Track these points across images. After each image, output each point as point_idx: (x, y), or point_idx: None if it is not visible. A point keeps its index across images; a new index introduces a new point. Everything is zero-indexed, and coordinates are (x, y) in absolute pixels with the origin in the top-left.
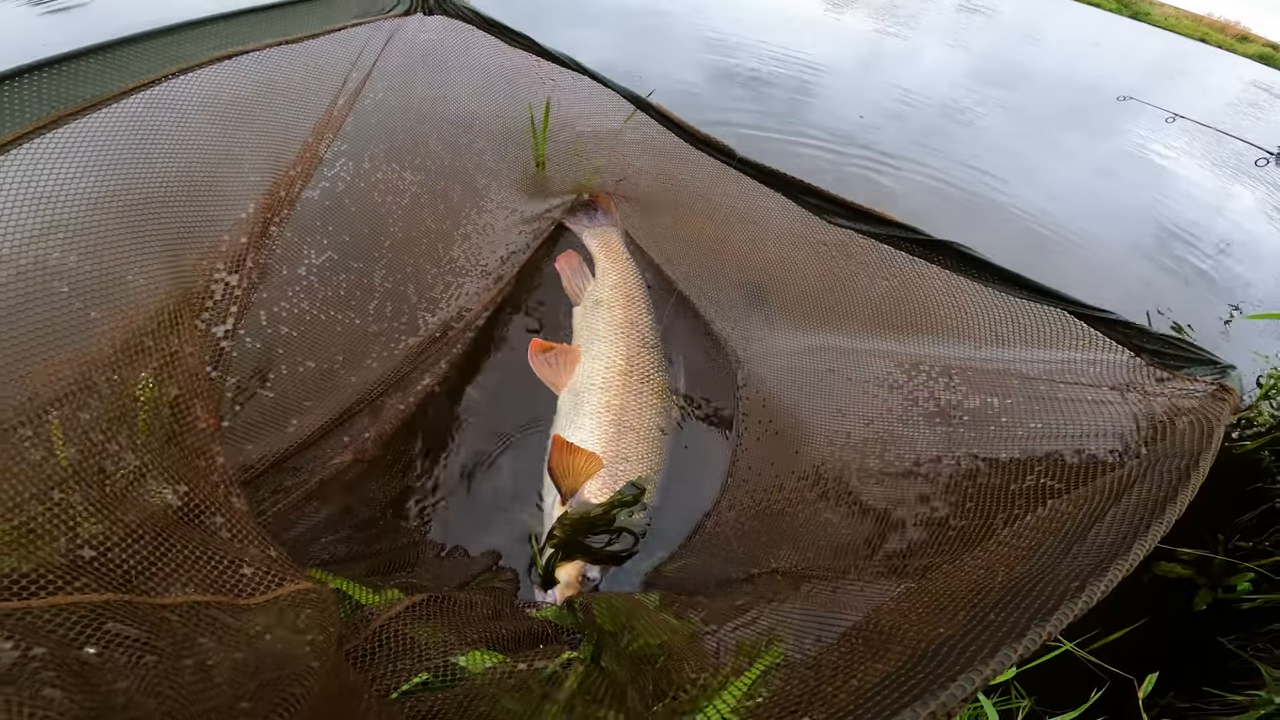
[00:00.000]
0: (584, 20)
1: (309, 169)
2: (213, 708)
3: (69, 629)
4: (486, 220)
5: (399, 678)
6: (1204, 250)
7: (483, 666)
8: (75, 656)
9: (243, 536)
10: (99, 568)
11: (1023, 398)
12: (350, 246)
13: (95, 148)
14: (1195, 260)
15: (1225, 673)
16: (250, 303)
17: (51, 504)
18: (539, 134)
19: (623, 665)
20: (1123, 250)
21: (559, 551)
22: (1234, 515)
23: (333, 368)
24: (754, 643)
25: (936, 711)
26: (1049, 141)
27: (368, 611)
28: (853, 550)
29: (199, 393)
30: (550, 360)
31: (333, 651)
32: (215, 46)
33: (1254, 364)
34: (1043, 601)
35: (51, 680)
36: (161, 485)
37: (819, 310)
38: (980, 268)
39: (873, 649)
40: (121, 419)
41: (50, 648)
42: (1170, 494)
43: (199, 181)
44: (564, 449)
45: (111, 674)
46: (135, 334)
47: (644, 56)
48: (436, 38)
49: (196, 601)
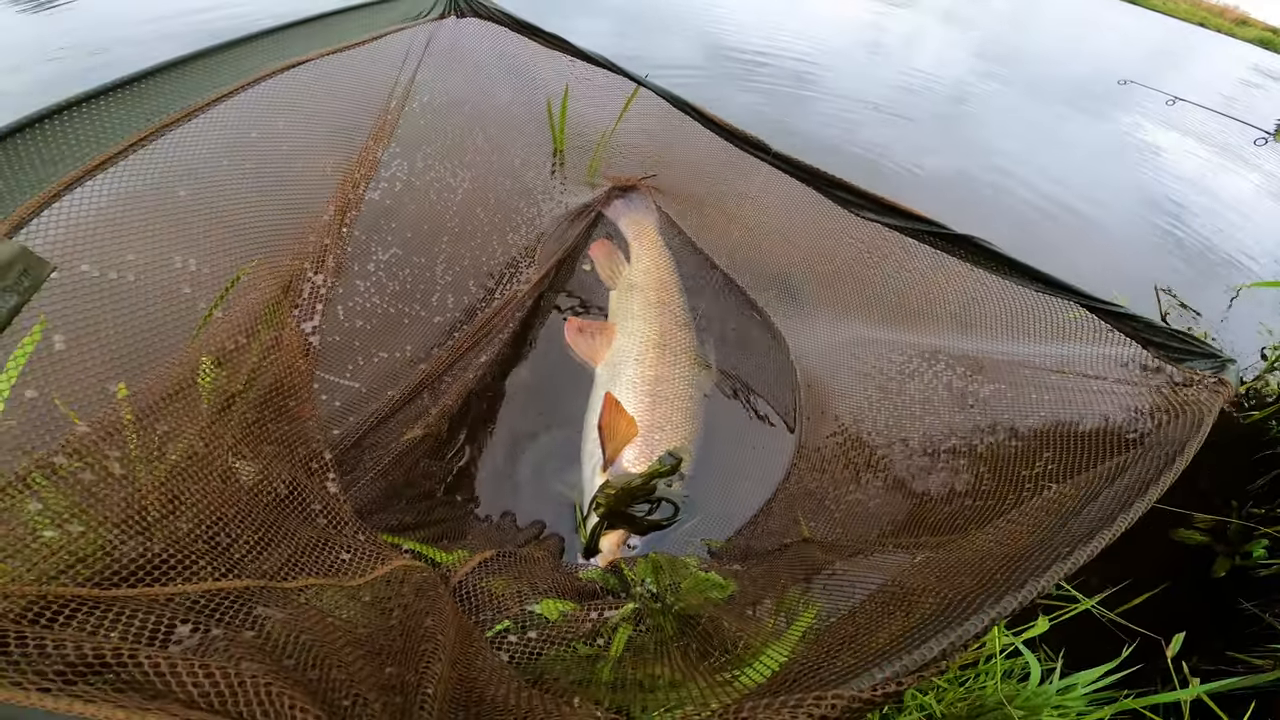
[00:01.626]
0: (597, 9)
1: (370, 171)
2: (363, 674)
3: (224, 613)
4: (530, 211)
5: (485, 627)
6: (1205, 226)
7: (557, 613)
8: (243, 638)
9: (339, 522)
10: (231, 556)
11: (1034, 388)
12: (412, 243)
13: (194, 160)
14: (1197, 236)
15: (1245, 638)
16: (330, 299)
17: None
18: (558, 124)
19: (669, 623)
20: (1126, 227)
21: (604, 521)
22: (1245, 483)
23: (403, 355)
24: (792, 601)
25: (955, 642)
26: (1051, 125)
27: (445, 569)
28: (877, 523)
29: (297, 385)
30: (587, 336)
31: (447, 607)
32: (273, 58)
33: (1260, 338)
34: (1038, 564)
35: (240, 655)
36: (274, 476)
37: (846, 300)
38: (998, 261)
39: (899, 603)
40: (232, 411)
41: (222, 630)
42: (1154, 477)
43: (283, 186)
44: (615, 408)
45: (275, 650)
46: (247, 331)
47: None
48: (471, 40)
49: (313, 584)
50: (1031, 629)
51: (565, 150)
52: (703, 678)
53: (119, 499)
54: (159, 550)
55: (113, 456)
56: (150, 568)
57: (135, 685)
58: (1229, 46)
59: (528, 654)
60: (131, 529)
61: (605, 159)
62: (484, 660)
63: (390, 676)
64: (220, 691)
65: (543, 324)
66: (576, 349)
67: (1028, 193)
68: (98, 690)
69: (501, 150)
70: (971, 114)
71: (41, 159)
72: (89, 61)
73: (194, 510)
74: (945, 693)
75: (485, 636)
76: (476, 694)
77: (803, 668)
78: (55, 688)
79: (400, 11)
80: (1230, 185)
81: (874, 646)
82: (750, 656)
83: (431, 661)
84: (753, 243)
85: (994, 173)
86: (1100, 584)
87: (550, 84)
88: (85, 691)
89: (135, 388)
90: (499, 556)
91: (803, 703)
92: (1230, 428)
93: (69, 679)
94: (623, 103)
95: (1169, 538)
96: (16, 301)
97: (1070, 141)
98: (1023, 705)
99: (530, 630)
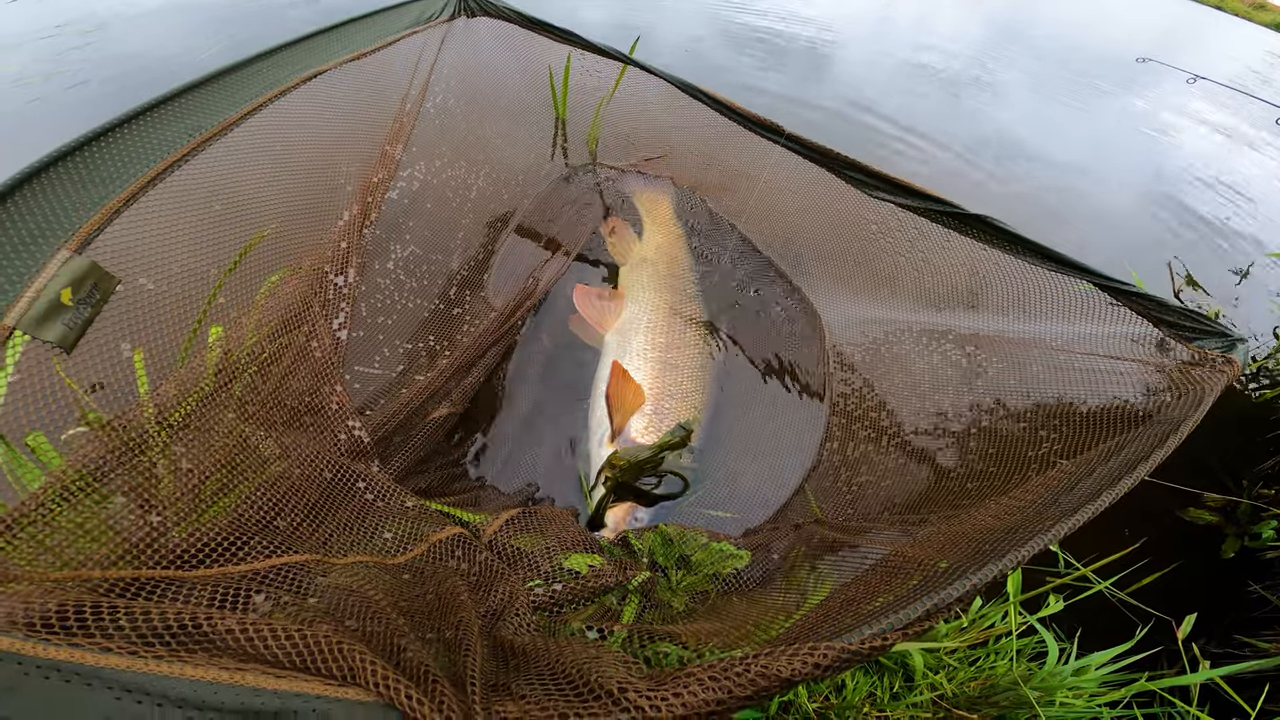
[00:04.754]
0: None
1: (389, 174)
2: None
3: (288, 586)
4: (547, 199)
5: (520, 580)
6: (1223, 205)
7: (585, 567)
8: (308, 604)
9: (386, 499)
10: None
11: (1043, 367)
12: (431, 241)
13: (225, 174)
14: (1214, 214)
15: (1252, 621)
16: (356, 297)
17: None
18: (560, 95)
19: (677, 598)
20: (1141, 204)
21: (609, 495)
22: (1255, 463)
23: (427, 345)
24: (802, 576)
25: (939, 604)
26: (1067, 101)
27: (474, 527)
28: (887, 503)
29: (330, 376)
30: (597, 302)
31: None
32: (296, 70)
33: (1273, 317)
34: (1021, 538)
35: (310, 619)
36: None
37: (857, 280)
38: (1013, 241)
39: (898, 572)
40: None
41: (287, 599)
42: (1146, 455)
43: (307, 194)
44: (622, 376)
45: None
46: (281, 331)
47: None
48: (483, 38)
49: (362, 562)
50: (1046, 609)
51: (564, 112)
52: (710, 653)
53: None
54: (233, 527)
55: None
56: (227, 545)
57: (227, 649)
58: (1246, 30)
59: (557, 605)
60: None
61: (625, 137)
62: (521, 610)
63: (441, 628)
64: (300, 652)
65: (563, 305)
66: (586, 315)
67: (1043, 169)
68: (197, 655)
69: (514, 142)
70: (986, 89)
71: (96, 178)
72: (85, 39)
73: (265, 492)
74: (956, 672)
75: (524, 588)
76: (510, 642)
77: (804, 628)
78: (163, 654)
79: (412, 15)
80: (1249, 164)
81: (869, 610)
82: (759, 631)
83: (467, 614)
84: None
85: (1008, 148)
86: (1112, 565)
87: (570, 78)
88: (188, 656)
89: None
90: (523, 515)
91: (799, 651)
92: (1240, 406)
93: (172, 645)
94: (638, 84)
95: (1180, 518)
96: (90, 314)
97: (1087, 118)
98: (1038, 686)
99: (556, 584)
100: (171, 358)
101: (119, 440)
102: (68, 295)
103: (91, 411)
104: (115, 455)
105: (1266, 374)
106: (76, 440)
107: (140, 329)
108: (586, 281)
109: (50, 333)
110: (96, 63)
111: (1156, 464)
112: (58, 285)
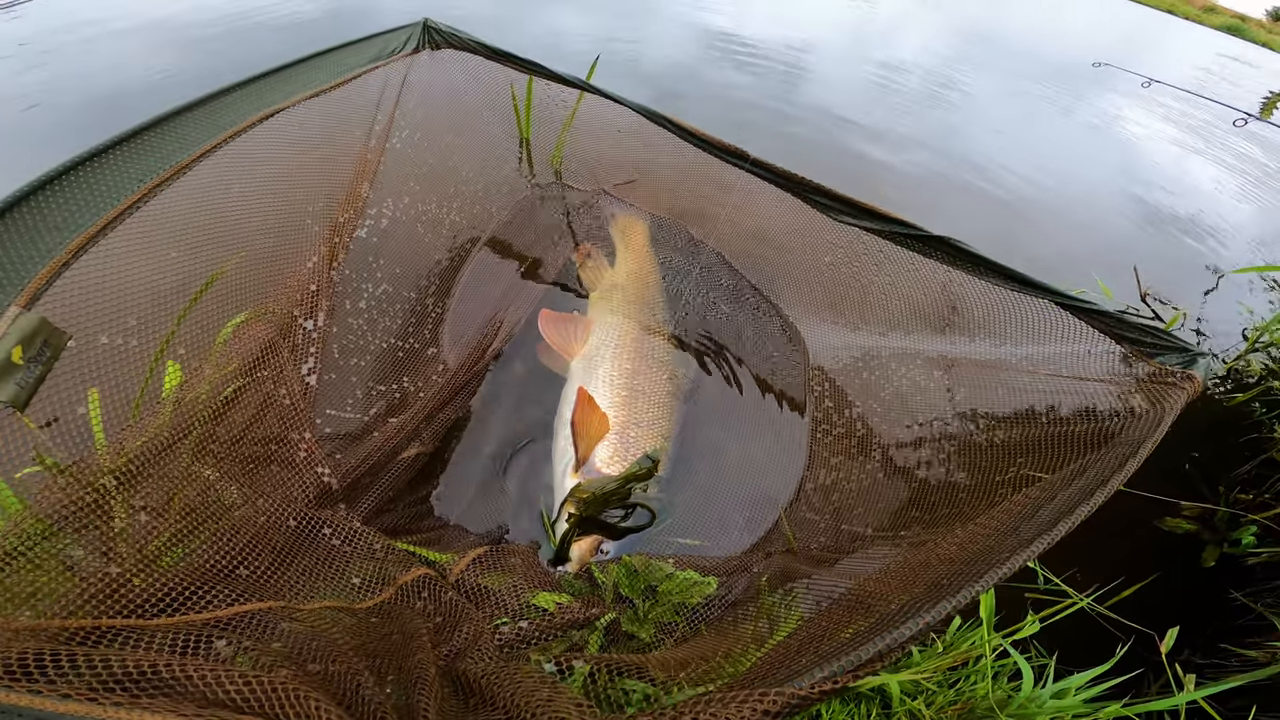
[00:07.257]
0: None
1: (357, 213)
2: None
3: (251, 631)
4: (519, 228)
5: (487, 618)
6: (1185, 206)
7: (553, 604)
8: (271, 649)
9: (354, 536)
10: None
11: (1010, 390)
12: (401, 279)
13: (181, 220)
14: (1175, 216)
15: (1236, 629)
16: (325, 340)
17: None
18: (523, 115)
19: (645, 630)
20: (1104, 209)
21: (574, 529)
22: (1231, 468)
23: (400, 386)
24: (772, 603)
25: (891, 644)
26: (1026, 107)
27: (440, 567)
28: (859, 528)
29: (300, 422)
30: (562, 327)
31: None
32: (254, 108)
33: (1241, 319)
34: (977, 571)
35: (271, 664)
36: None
37: (826, 304)
38: (975, 261)
39: (862, 607)
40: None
41: (249, 644)
42: (1105, 480)
43: (270, 235)
44: (588, 404)
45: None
46: (246, 376)
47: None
48: (447, 71)
49: (329, 608)
50: (1021, 629)
51: (527, 134)
52: (678, 689)
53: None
54: (196, 575)
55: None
56: (189, 593)
57: (188, 695)
58: (1198, 33)
59: (525, 642)
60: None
61: (591, 160)
62: (485, 648)
63: (403, 668)
64: (259, 697)
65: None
66: (550, 341)
67: (1006, 176)
68: (158, 701)
69: (485, 172)
70: (946, 98)
71: (46, 226)
72: (41, 60)
73: (228, 539)
74: (935, 696)
75: (490, 626)
76: (471, 680)
77: (769, 665)
78: (122, 700)
79: (375, 49)
80: (1206, 167)
81: (830, 649)
82: (729, 664)
83: (425, 656)
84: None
85: (971, 157)
86: (1091, 579)
87: (536, 108)
88: (149, 702)
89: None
90: (490, 553)
91: (750, 697)
92: (1212, 411)
93: (132, 691)
94: (602, 109)
95: (1158, 527)
96: (41, 372)
97: (1046, 124)
98: (1015, 713)
99: (523, 621)
100: (126, 406)
101: (75, 487)
102: (18, 354)
103: (49, 457)
104: (72, 506)
105: (1236, 376)
106: (31, 482)
107: (97, 379)
108: (555, 308)
109: (2, 392)
110: (49, 85)
111: (1114, 489)
112: (8, 344)
